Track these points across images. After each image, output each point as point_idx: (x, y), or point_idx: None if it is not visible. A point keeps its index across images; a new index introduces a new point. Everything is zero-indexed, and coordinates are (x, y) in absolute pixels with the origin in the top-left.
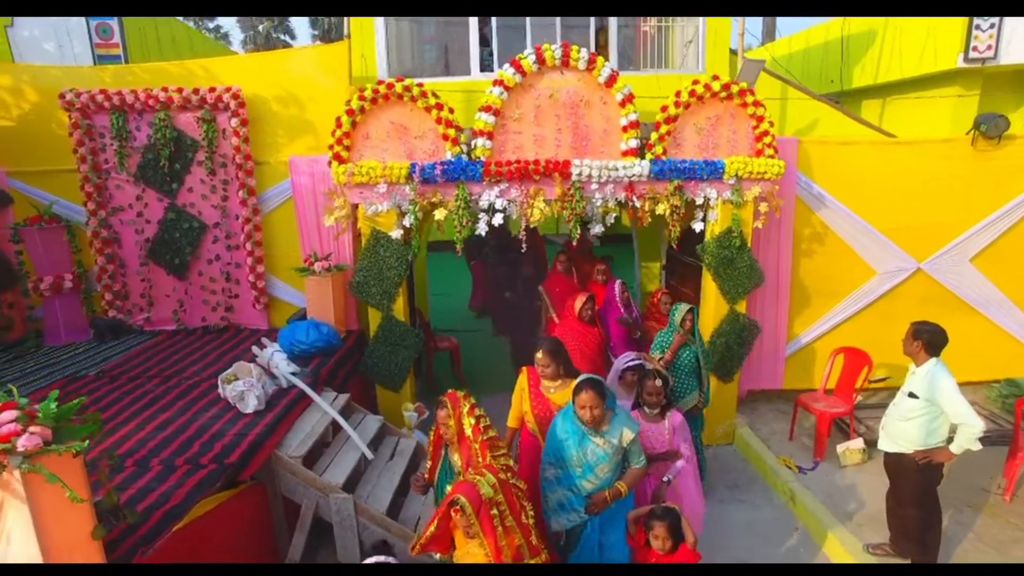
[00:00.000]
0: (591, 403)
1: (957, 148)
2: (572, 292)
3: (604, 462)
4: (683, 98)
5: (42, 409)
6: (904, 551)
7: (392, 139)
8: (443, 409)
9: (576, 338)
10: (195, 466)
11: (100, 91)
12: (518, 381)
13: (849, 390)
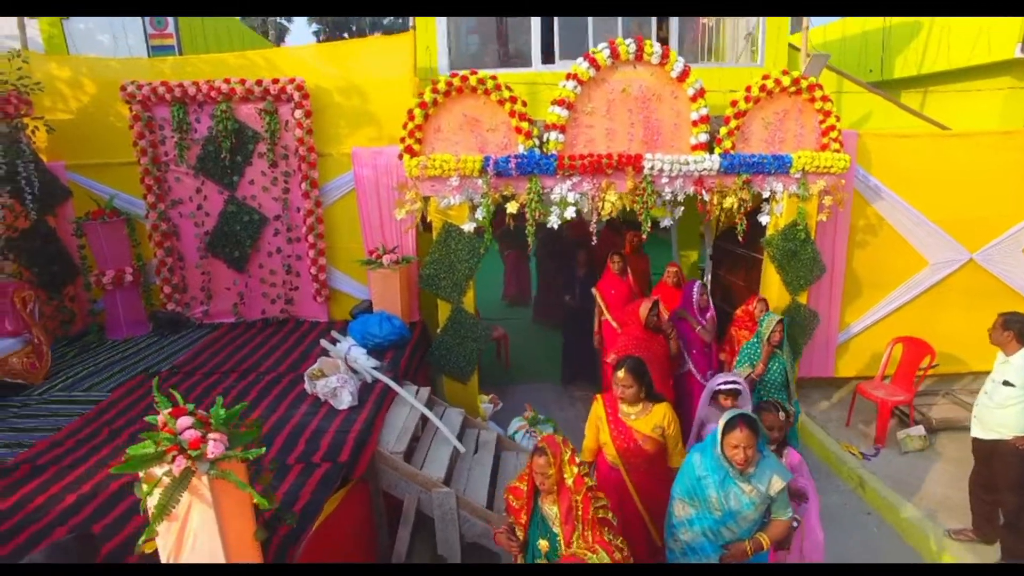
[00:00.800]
0: (745, 443)
1: (1014, 140)
2: (627, 294)
3: (749, 510)
4: (754, 93)
5: (213, 415)
6: (988, 537)
7: (464, 132)
8: (542, 457)
9: (641, 347)
10: (308, 464)
11: (161, 83)
12: (592, 410)
13: (908, 379)
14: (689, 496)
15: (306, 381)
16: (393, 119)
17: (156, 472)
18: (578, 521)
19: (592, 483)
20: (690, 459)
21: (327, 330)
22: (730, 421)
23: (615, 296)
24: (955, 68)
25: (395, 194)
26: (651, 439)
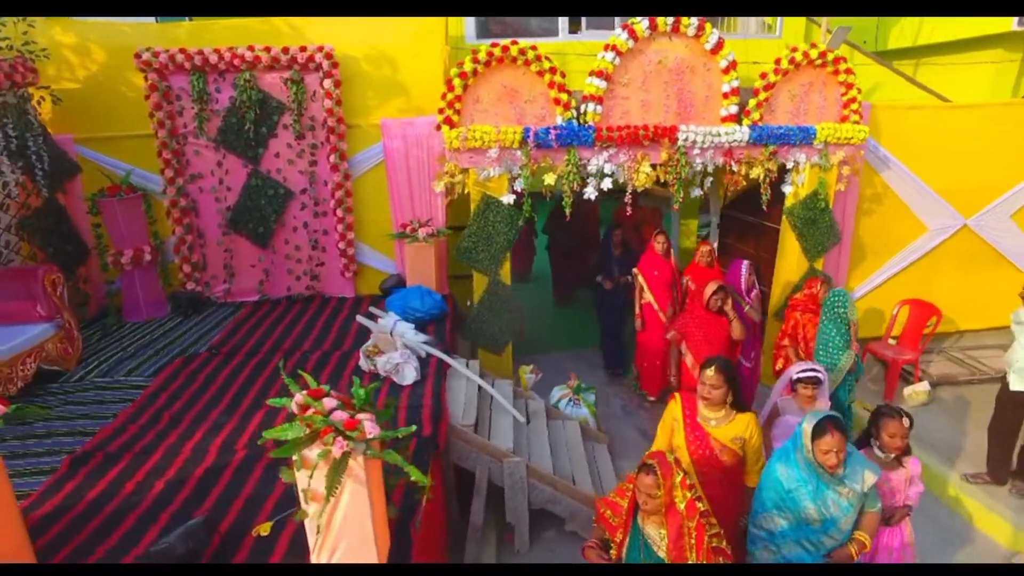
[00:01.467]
0: (837, 447)
1: (1010, 111)
2: (670, 276)
3: (848, 514)
4: (783, 65)
5: (355, 396)
6: (1001, 479)
7: (503, 103)
8: (650, 476)
9: (704, 327)
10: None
11: (179, 50)
12: (668, 409)
13: (914, 338)
14: (779, 509)
15: (362, 358)
16: (423, 89)
17: (311, 455)
18: (691, 550)
19: (705, 508)
20: (772, 472)
21: (357, 305)
22: (819, 426)
23: (658, 278)
24: (949, 40)
25: (425, 166)
26: (729, 450)
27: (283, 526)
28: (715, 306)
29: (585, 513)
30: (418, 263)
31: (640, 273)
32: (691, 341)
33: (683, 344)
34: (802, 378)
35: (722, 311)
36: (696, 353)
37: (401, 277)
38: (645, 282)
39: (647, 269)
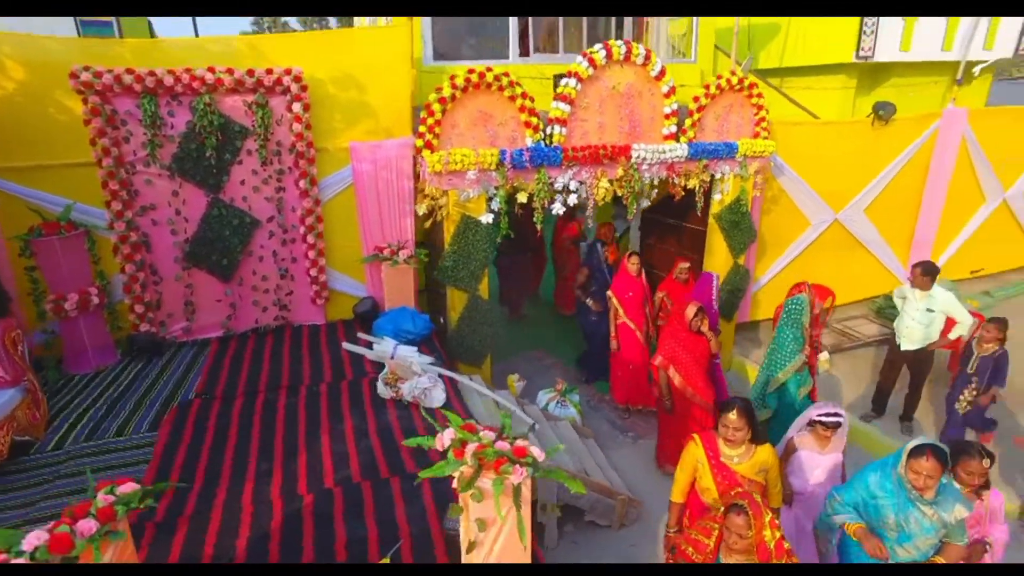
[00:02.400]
0: (930, 472)
1: (860, 127)
2: (643, 296)
3: (929, 535)
4: (712, 90)
5: (504, 424)
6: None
7: (478, 126)
8: (742, 517)
9: (689, 348)
10: None
11: (127, 70)
12: (688, 451)
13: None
14: (856, 509)
15: (381, 386)
16: (391, 111)
17: (487, 485)
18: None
19: (789, 546)
20: (864, 477)
21: (332, 332)
22: (919, 447)
23: (632, 298)
24: (805, 65)
25: (394, 188)
26: (755, 482)
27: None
28: (695, 327)
29: (603, 504)
30: (397, 285)
31: (614, 295)
32: (680, 365)
33: (671, 368)
34: (826, 422)
35: (701, 331)
36: (686, 375)
37: (374, 300)
38: (619, 304)
39: (621, 291)
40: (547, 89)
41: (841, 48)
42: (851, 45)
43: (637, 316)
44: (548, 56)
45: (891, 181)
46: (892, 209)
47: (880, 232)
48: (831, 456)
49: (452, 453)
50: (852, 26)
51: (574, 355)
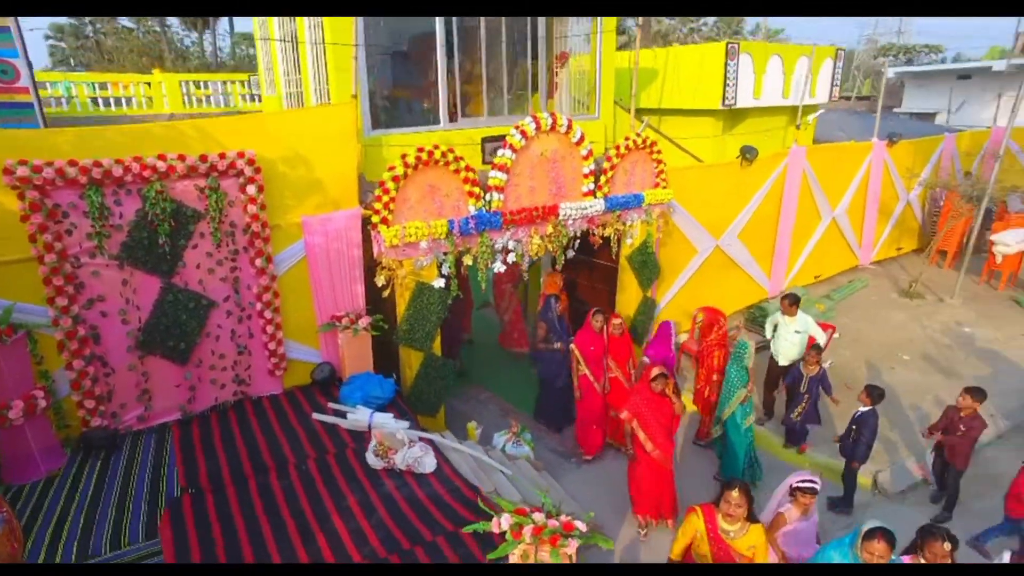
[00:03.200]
0: (881, 553)
1: (732, 167)
2: (603, 350)
3: None
4: (621, 150)
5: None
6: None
7: (427, 199)
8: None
9: (652, 407)
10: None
11: (69, 163)
12: (689, 520)
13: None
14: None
15: (371, 458)
16: (339, 184)
17: (545, 555)
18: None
19: None
20: (827, 551)
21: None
22: (872, 531)
23: (593, 352)
24: (679, 108)
25: (345, 258)
26: (746, 557)
27: None
28: (658, 388)
29: None
30: (357, 352)
31: (577, 348)
32: (642, 421)
33: (635, 422)
34: (804, 488)
35: (664, 393)
36: (648, 432)
37: (332, 366)
38: (582, 357)
39: (583, 345)
40: (476, 152)
41: (710, 96)
42: (718, 94)
43: (597, 368)
44: (474, 120)
45: (756, 209)
46: (757, 232)
47: (750, 252)
48: (812, 520)
49: (510, 534)
50: (718, 78)
51: (509, 388)
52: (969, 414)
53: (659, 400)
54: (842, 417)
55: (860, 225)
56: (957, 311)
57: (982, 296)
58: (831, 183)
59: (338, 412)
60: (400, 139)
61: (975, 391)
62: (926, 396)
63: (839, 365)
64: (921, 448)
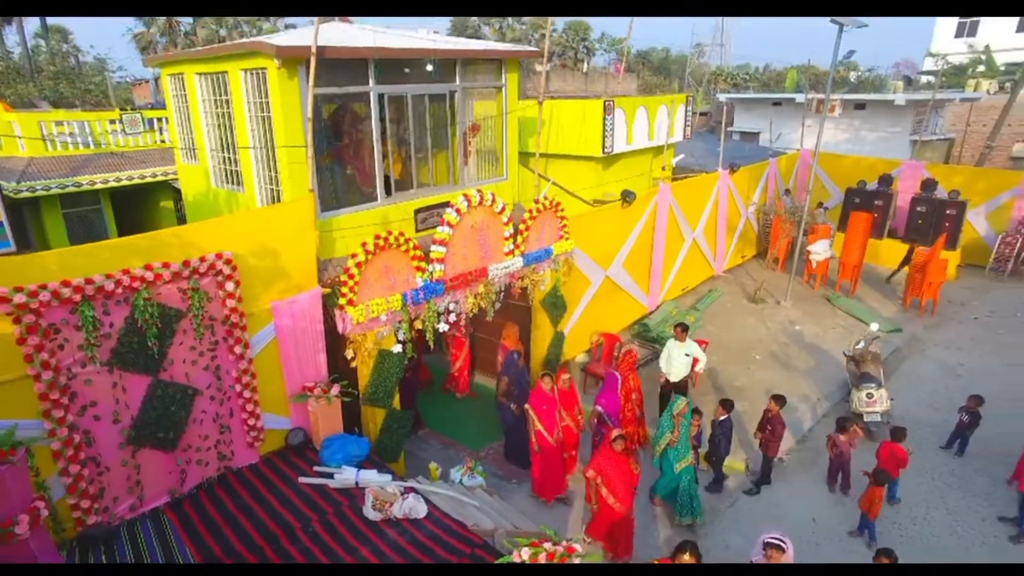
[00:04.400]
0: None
1: (615, 208)
2: (555, 408)
3: None
4: (534, 212)
5: (549, 534)
6: None
7: (383, 278)
8: None
9: (615, 467)
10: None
11: (63, 283)
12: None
13: (608, 357)
14: None
15: (371, 512)
16: (301, 270)
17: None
18: None
19: None
20: None
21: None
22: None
23: (546, 411)
24: (563, 153)
25: (309, 334)
26: None
27: None
28: (619, 449)
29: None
30: (328, 417)
31: (532, 409)
32: (607, 479)
33: (599, 479)
34: (772, 544)
35: (624, 452)
36: (610, 488)
37: (304, 430)
38: (536, 416)
39: (537, 405)
40: (410, 222)
41: (592, 145)
42: (599, 143)
43: (550, 424)
44: (405, 194)
45: (635, 241)
46: (636, 259)
47: (631, 276)
48: None
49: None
50: (598, 130)
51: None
52: (774, 415)
53: (620, 459)
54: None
55: (714, 241)
56: (789, 311)
57: (806, 297)
58: (690, 209)
59: (323, 474)
60: (347, 220)
61: (778, 398)
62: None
63: (711, 369)
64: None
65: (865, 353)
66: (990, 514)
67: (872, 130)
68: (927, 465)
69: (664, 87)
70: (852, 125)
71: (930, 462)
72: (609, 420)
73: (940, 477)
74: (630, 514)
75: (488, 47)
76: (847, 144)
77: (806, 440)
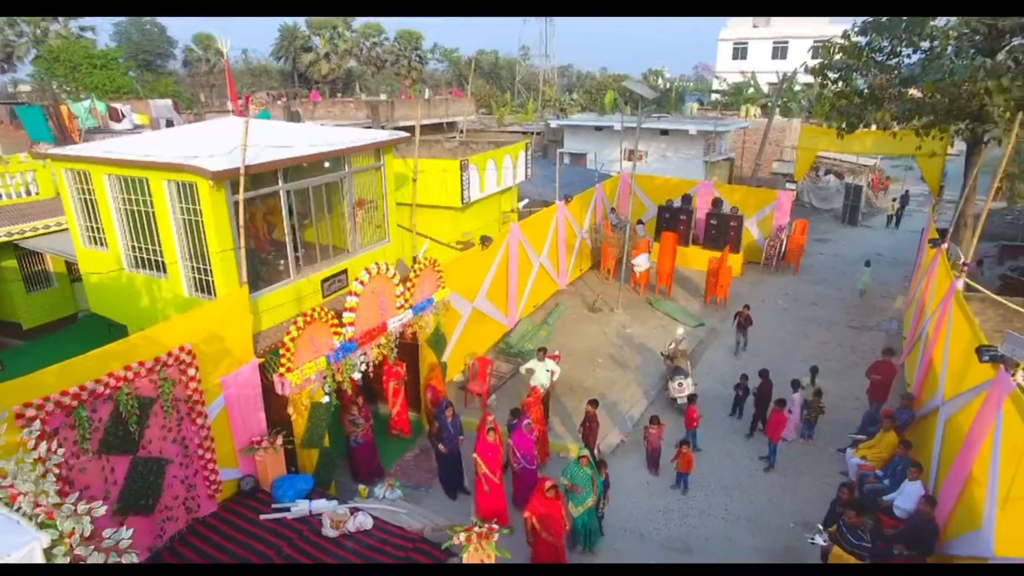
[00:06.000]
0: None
1: (477, 251)
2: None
3: None
4: (418, 270)
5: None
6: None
7: (308, 345)
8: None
9: (547, 509)
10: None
11: (62, 393)
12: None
13: (483, 377)
14: None
15: (329, 530)
16: (240, 347)
17: (486, 546)
18: None
19: None
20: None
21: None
22: None
23: (491, 457)
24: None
25: (251, 399)
26: None
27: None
28: (551, 496)
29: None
30: (275, 463)
31: (478, 456)
32: (540, 518)
33: (534, 519)
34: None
35: (555, 497)
36: (543, 525)
37: (253, 477)
38: (483, 463)
39: (483, 452)
40: (318, 291)
41: (452, 197)
42: (458, 196)
43: (494, 467)
44: (312, 267)
45: (494, 274)
46: (496, 288)
47: (492, 303)
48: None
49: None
50: (456, 185)
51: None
52: (591, 415)
53: (552, 503)
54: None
55: (556, 261)
56: (621, 317)
57: (633, 302)
58: (536, 239)
59: (280, 509)
60: (270, 298)
61: (593, 401)
62: (613, 387)
63: (564, 375)
64: (621, 421)
65: (676, 352)
66: (755, 455)
67: (675, 152)
68: (719, 427)
69: (496, 97)
70: (659, 148)
71: (720, 425)
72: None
73: (726, 434)
74: (562, 544)
75: (371, 140)
76: (657, 163)
77: (638, 424)
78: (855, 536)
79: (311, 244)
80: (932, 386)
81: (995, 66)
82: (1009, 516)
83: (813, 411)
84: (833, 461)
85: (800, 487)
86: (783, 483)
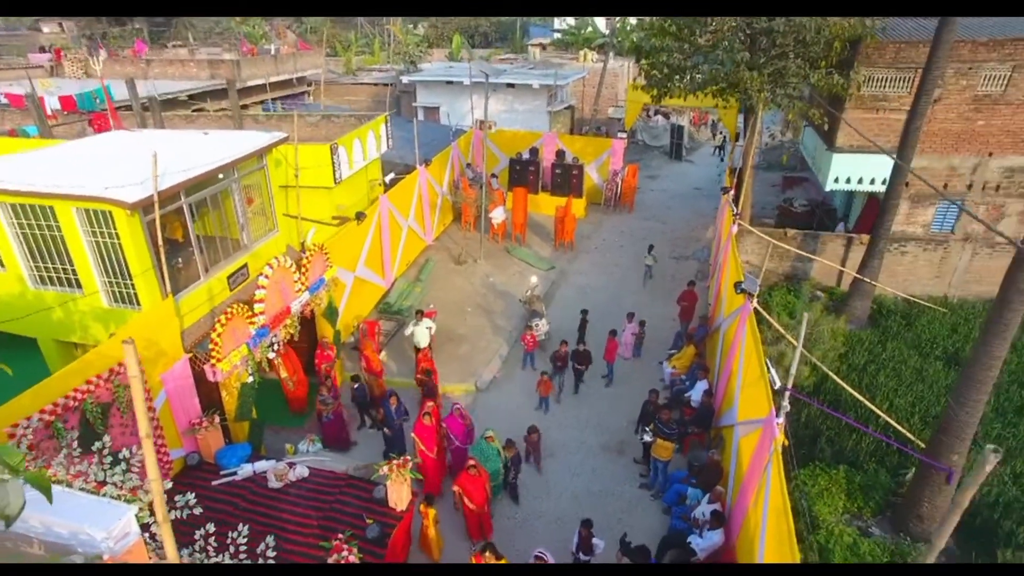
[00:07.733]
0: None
1: (352, 225)
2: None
3: None
4: (309, 255)
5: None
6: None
7: (231, 336)
8: None
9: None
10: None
11: (42, 411)
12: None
13: (372, 337)
14: None
15: (274, 483)
16: (171, 347)
17: (404, 475)
18: None
19: None
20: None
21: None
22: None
23: (428, 438)
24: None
25: (187, 390)
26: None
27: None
28: (473, 473)
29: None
30: (215, 438)
31: (417, 436)
32: (466, 491)
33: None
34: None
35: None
36: (469, 496)
37: (198, 453)
38: (421, 442)
39: (421, 434)
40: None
41: (326, 178)
42: (330, 176)
43: (430, 445)
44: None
45: (370, 244)
46: (373, 256)
47: (371, 270)
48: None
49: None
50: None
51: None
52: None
53: (475, 479)
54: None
55: (423, 220)
56: (484, 267)
57: (494, 252)
58: (403, 205)
59: (228, 474)
60: (189, 301)
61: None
62: (482, 333)
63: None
64: (494, 360)
65: (532, 298)
66: (599, 373)
67: (521, 104)
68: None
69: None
70: (507, 100)
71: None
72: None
73: None
74: (487, 510)
75: (255, 147)
76: (506, 115)
77: (506, 361)
78: (667, 428)
79: (211, 245)
80: (717, 308)
81: (752, 60)
82: (744, 393)
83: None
84: (656, 372)
85: (631, 395)
86: (619, 392)
